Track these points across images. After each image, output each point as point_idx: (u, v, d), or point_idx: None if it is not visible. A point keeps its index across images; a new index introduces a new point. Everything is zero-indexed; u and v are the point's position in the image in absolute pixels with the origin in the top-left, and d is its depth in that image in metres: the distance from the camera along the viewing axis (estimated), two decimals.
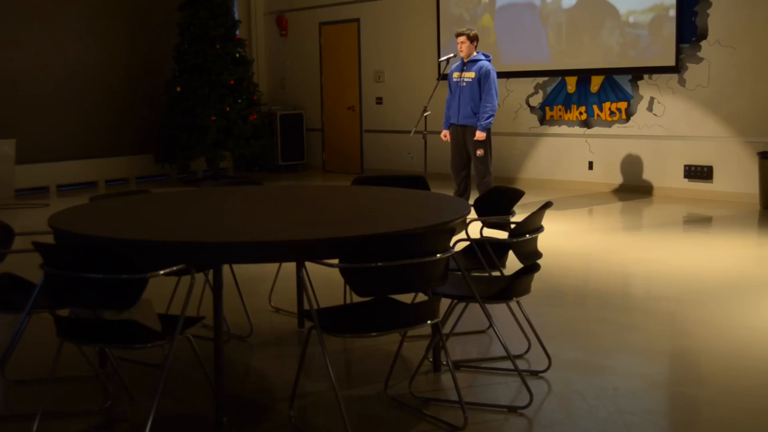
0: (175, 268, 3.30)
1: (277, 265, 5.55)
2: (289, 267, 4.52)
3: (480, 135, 8.40)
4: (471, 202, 4.98)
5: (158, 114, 13.03)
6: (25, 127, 11.94)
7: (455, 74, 8.69)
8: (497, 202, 4.77)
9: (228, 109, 12.40)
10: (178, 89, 12.42)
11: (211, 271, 3.79)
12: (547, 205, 4.28)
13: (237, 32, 13.01)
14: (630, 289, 6.40)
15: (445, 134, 8.78)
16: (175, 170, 13.27)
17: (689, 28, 10.00)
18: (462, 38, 8.58)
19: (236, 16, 14.18)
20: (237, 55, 12.76)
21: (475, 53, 8.61)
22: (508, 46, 11.50)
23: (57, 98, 12.46)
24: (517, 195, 4.70)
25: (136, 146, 13.28)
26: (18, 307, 3.73)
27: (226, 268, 4.74)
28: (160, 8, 13.46)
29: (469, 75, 8.52)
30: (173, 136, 12.44)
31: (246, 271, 5.45)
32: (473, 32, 8.64)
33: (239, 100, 12.69)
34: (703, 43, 9.91)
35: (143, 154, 13.24)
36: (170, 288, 4.84)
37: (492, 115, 8.43)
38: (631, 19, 10.37)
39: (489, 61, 8.62)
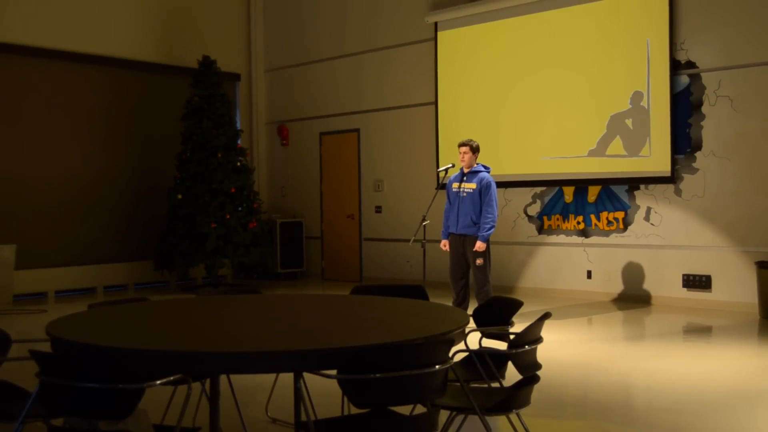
0: (171, 378, 3.28)
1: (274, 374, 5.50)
2: (287, 376, 4.49)
3: (480, 246, 8.46)
4: (470, 311, 4.97)
5: (159, 221, 13.12)
6: (25, 233, 12.01)
7: (454, 184, 8.80)
8: (496, 312, 4.76)
9: (228, 216, 12.48)
10: (179, 196, 12.53)
11: (208, 380, 3.76)
12: (546, 315, 4.28)
13: (239, 141, 13.21)
14: (631, 399, 6.32)
15: (444, 244, 8.84)
16: (174, 277, 13.27)
17: (683, 139, 10.18)
18: (465, 148, 8.72)
19: (238, 125, 14.47)
20: (238, 164, 12.92)
21: (475, 164, 8.74)
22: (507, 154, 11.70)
23: (58, 204, 12.57)
24: (516, 305, 4.70)
25: (135, 252, 13.32)
26: (12, 415, 3.68)
27: (223, 376, 4.70)
28: (163, 117, 13.71)
29: (470, 186, 8.63)
30: (173, 243, 12.48)
31: (243, 379, 5.40)
32: (476, 143, 8.79)
33: (239, 208, 12.79)
34: (698, 154, 10.08)
35: (142, 261, 13.26)
36: (166, 397, 4.79)
37: (493, 226, 8.52)
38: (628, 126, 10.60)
39: (489, 172, 8.75)
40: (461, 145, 8.80)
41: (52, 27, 12.43)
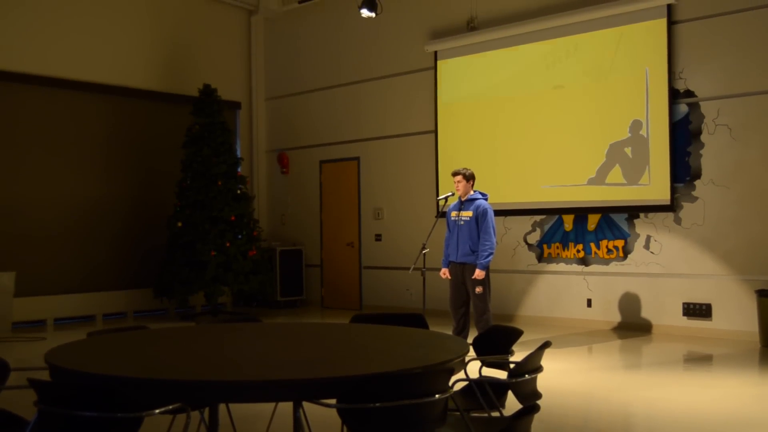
0: (170, 407, 3.27)
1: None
2: (287, 405, 4.46)
3: (479, 273, 8.45)
4: (470, 340, 4.96)
5: (158, 248, 13.12)
6: (25, 260, 11.99)
7: (453, 213, 8.81)
8: (496, 341, 4.75)
9: (228, 244, 12.47)
10: (179, 224, 12.54)
11: (206, 409, 3.75)
12: (546, 344, 4.27)
13: (239, 169, 13.23)
14: (631, 429, 6.29)
15: (444, 272, 8.83)
16: (174, 305, 13.23)
17: (683, 167, 10.21)
18: (458, 177, 8.74)
19: (239, 153, 14.49)
20: (238, 192, 12.93)
21: (471, 192, 8.75)
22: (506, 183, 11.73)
23: (57, 231, 12.56)
24: (516, 334, 4.69)
25: (135, 280, 13.30)
26: None
27: (222, 405, 4.68)
28: (163, 145, 13.74)
29: (467, 214, 8.64)
30: (173, 271, 12.46)
31: (242, 408, 5.37)
32: (469, 171, 8.81)
33: (239, 236, 12.78)
34: (697, 183, 10.10)
35: (142, 288, 13.23)
36: (165, 425, 4.76)
37: (491, 254, 8.50)
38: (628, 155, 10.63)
39: (486, 199, 8.75)
40: (454, 174, 8.81)
41: (55, 55, 12.48)
